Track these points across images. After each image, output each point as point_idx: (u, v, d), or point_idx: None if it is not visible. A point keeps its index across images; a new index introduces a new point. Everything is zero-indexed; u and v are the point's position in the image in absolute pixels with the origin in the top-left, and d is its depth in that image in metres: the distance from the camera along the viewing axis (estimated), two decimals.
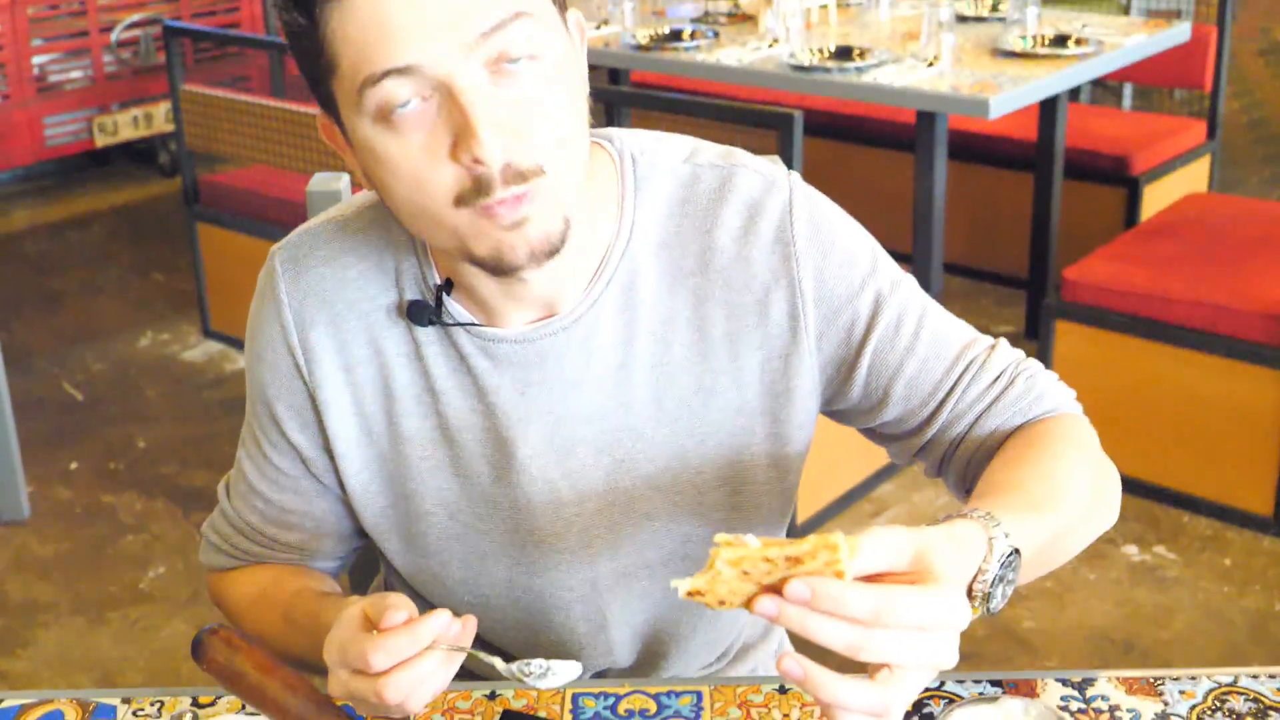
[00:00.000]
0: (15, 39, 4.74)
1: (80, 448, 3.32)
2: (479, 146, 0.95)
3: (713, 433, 1.15)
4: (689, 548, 1.19)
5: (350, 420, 1.17)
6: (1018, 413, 1.14)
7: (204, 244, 3.76)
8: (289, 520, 1.23)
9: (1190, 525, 2.84)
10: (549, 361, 1.12)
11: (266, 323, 1.17)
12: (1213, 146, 3.96)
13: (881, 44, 3.27)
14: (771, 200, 1.13)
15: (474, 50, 0.95)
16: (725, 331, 1.13)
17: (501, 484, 1.16)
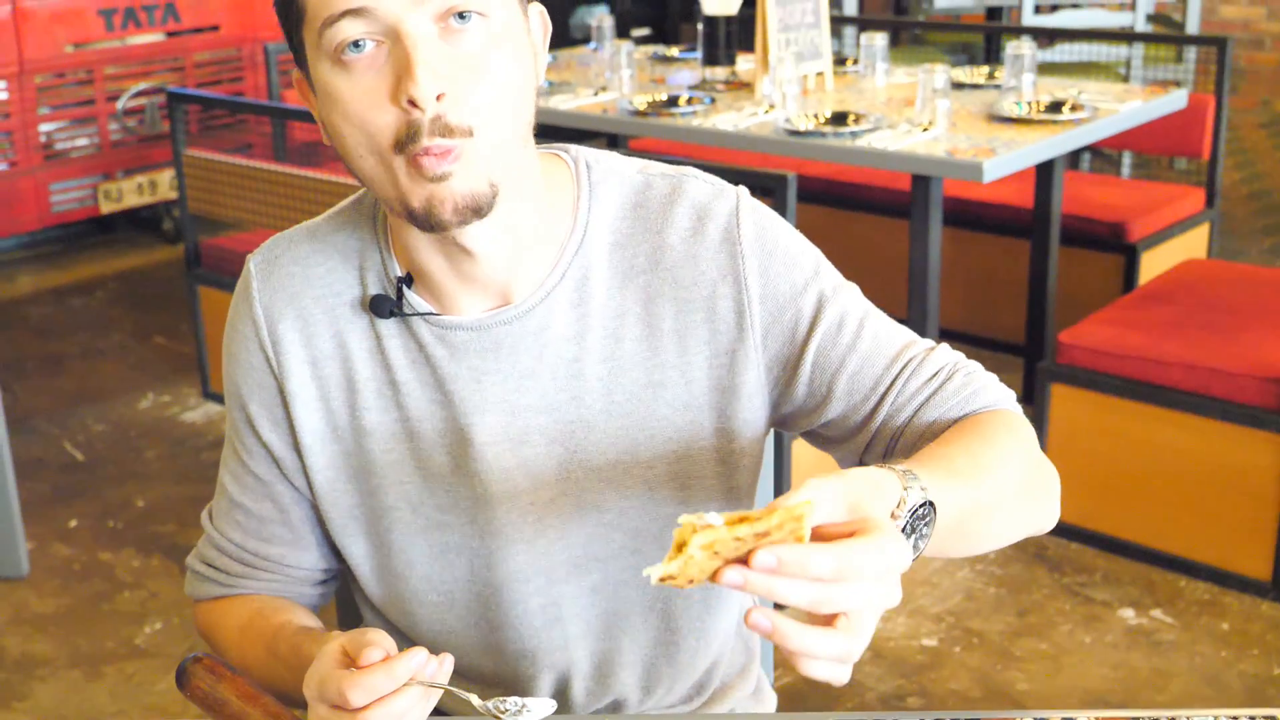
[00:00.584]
0: (23, 107, 4.81)
1: (80, 506, 3.34)
2: (415, 88, 1.01)
3: (662, 427, 1.19)
4: (639, 542, 1.22)
5: (316, 414, 1.21)
6: (956, 405, 1.17)
7: (205, 307, 3.80)
8: (269, 532, 1.27)
9: (1187, 589, 2.85)
10: (503, 350, 1.17)
11: (240, 321, 1.23)
12: (1211, 215, 3.99)
13: (877, 110, 3.30)
14: (720, 204, 1.19)
15: (427, 8, 1.02)
16: (674, 327, 1.18)
17: (460, 474, 1.19)
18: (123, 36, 5.04)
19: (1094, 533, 3.01)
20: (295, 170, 3.40)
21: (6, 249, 5.35)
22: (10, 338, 4.35)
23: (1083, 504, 3.01)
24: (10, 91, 4.78)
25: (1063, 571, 2.93)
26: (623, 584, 1.23)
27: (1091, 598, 2.83)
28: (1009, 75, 3.44)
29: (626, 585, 1.24)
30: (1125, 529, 2.97)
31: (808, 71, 3.54)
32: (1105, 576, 2.90)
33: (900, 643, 2.70)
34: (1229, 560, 2.84)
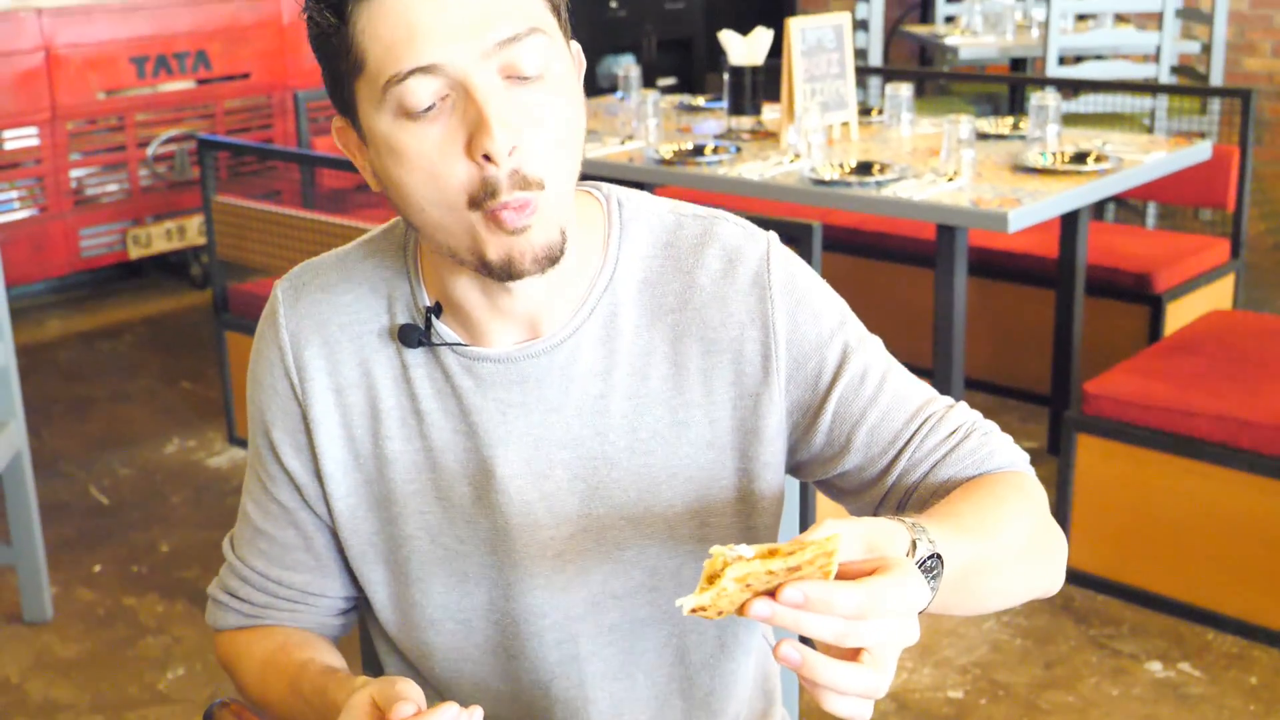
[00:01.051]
0: (54, 153, 4.86)
1: (104, 551, 3.35)
2: (491, 142, 1.02)
3: (684, 466, 1.20)
4: (657, 579, 1.22)
5: (338, 442, 1.22)
6: (971, 464, 1.18)
7: (232, 352, 3.82)
8: (292, 559, 1.27)
9: (1215, 642, 2.82)
10: (530, 384, 1.17)
11: (266, 347, 1.24)
12: (1237, 265, 3.99)
13: (902, 160, 3.31)
14: (751, 248, 1.21)
15: (491, 56, 1.03)
16: (700, 367, 1.19)
17: (481, 505, 1.20)
18: (154, 84, 5.10)
19: (1121, 584, 2.99)
20: (323, 217, 3.42)
21: (36, 293, 5.39)
22: (38, 381, 4.37)
23: (1109, 555, 3.00)
24: (42, 138, 4.83)
25: (1089, 623, 2.91)
26: (640, 622, 1.23)
27: (1119, 650, 2.81)
28: (1033, 126, 3.45)
29: (643, 624, 1.23)
30: (1152, 581, 2.95)
31: (833, 121, 3.56)
32: (1132, 628, 2.88)
33: (926, 694, 2.68)
34: (1257, 613, 2.82)
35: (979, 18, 5.55)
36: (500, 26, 1.03)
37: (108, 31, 4.95)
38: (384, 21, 1.03)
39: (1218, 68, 5.46)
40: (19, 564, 2.99)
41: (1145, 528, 2.94)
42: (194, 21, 5.16)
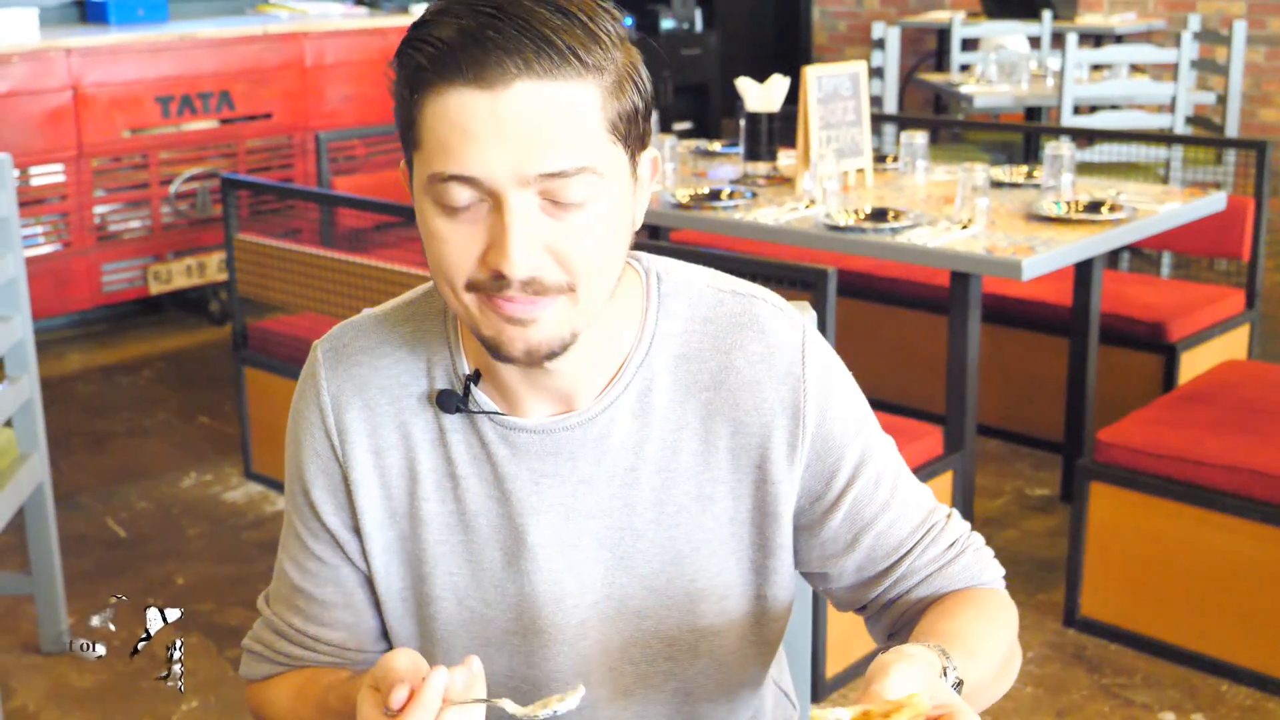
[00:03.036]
0: (79, 190, 4.90)
1: (121, 583, 3.35)
2: (506, 264, 1.04)
3: (707, 539, 1.21)
4: (674, 650, 1.23)
5: (376, 501, 1.22)
6: (963, 579, 1.27)
7: (250, 388, 3.83)
8: (330, 618, 1.27)
9: (1229, 694, 2.81)
10: (563, 455, 1.19)
11: (307, 408, 1.24)
12: (1252, 316, 3.98)
13: (917, 207, 3.32)
14: (790, 336, 1.22)
15: (532, 183, 1.04)
16: (729, 447, 1.21)
17: (511, 570, 1.21)
18: (178, 123, 5.14)
19: (1134, 634, 2.98)
20: (342, 255, 3.44)
21: (57, 327, 5.42)
22: (58, 414, 4.39)
23: (1122, 604, 2.99)
24: (68, 174, 4.87)
25: (1102, 672, 2.90)
26: (654, 689, 1.25)
27: (1131, 700, 2.80)
28: (1048, 175, 3.46)
29: (657, 691, 1.25)
30: (1166, 630, 2.94)
31: (848, 168, 3.57)
32: (1146, 679, 2.87)
33: None
34: (1273, 665, 2.80)
35: (994, 67, 5.58)
36: (549, 160, 1.04)
37: (134, 71, 5.00)
38: (443, 121, 1.05)
39: (1233, 119, 5.48)
40: (38, 594, 3.00)
41: (1159, 577, 2.93)
42: (218, 63, 5.21)
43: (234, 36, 5.27)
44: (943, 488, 3.07)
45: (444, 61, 1.04)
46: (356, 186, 4.52)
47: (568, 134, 1.04)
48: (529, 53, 1.02)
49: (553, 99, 1.03)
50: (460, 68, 1.03)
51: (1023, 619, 3.05)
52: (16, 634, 3.10)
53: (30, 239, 4.83)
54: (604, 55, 1.06)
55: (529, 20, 1.03)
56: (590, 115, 1.06)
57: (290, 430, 1.27)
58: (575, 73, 1.04)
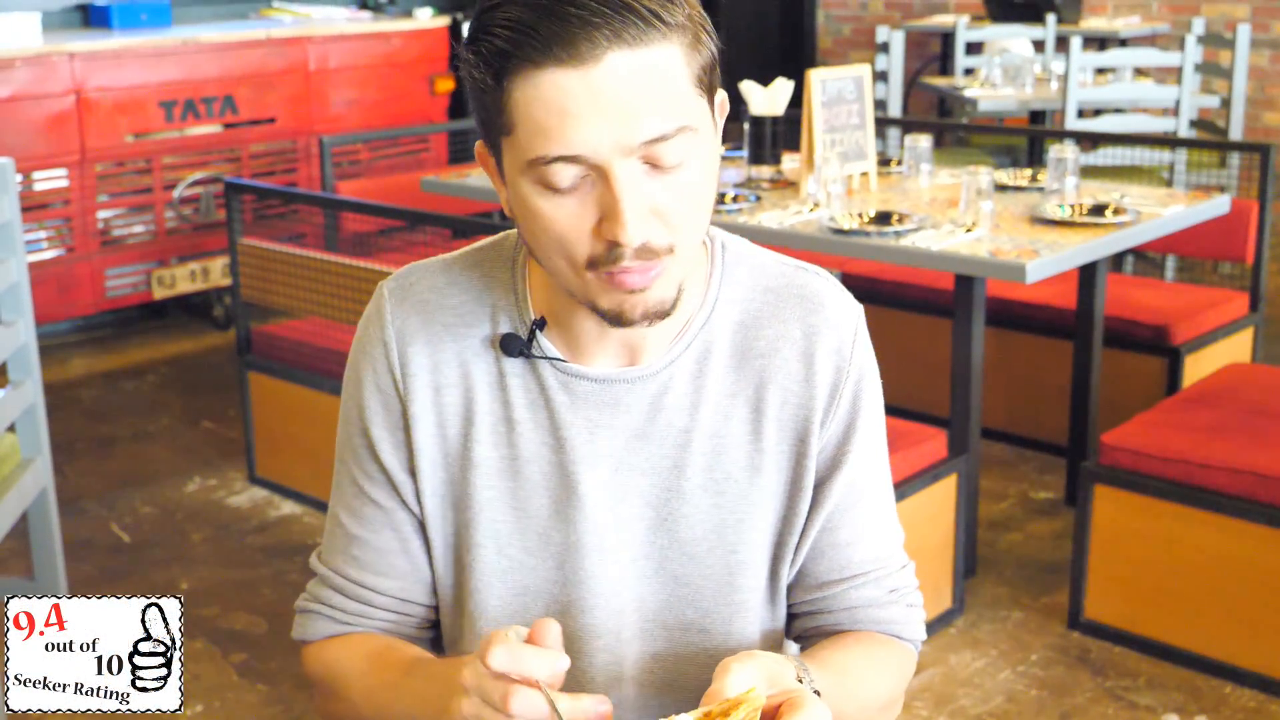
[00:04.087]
0: (83, 195, 4.92)
1: (125, 588, 3.36)
2: (623, 233, 1.05)
3: (750, 512, 1.23)
4: (709, 621, 1.24)
5: (432, 440, 1.23)
6: (881, 626, 1.29)
7: (254, 393, 3.84)
8: (387, 564, 1.27)
9: (1233, 696, 2.81)
10: (620, 407, 1.20)
11: (371, 344, 1.25)
12: (1255, 319, 3.99)
13: (921, 210, 3.33)
14: (847, 316, 1.25)
15: (635, 150, 1.05)
16: (777, 416, 1.22)
17: (558, 518, 1.21)
18: (181, 128, 5.16)
19: (1138, 636, 2.98)
20: (347, 260, 3.45)
21: (61, 332, 5.43)
22: (62, 420, 4.40)
23: (1126, 607, 2.99)
24: (71, 179, 4.89)
25: (1105, 675, 2.90)
26: (684, 659, 1.25)
27: (1135, 702, 2.80)
28: (1052, 178, 3.46)
29: (686, 661, 1.25)
30: (1170, 633, 2.94)
31: (852, 171, 3.58)
32: (1149, 681, 2.88)
33: None
34: (1277, 667, 2.81)
35: (998, 70, 5.59)
36: (650, 125, 1.05)
37: (137, 76, 5.02)
38: (537, 102, 1.04)
39: (1237, 122, 5.48)
40: None
41: (1162, 580, 2.93)
42: (222, 67, 5.23)
43: (237, 41, 5.29)
44: (947, 491, 3.07)
45: (530, 43, 1.03)
46: (361, 191, 4.53)
47: (663, 97, 1.05)
48: (615, 22, 1.02)
49: (644, 65, 1.04)
50: (549, 47, 1.02)
51: (1026, 622, 3.07)
52: None
53: (33, 244, 4.84)
54: (680, 12, 1.07)
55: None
56: (679, 74, 1.06)
57: (350, 369, 1.27)
58: (661, 35, 1.05)
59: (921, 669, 2.91)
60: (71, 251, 4.94)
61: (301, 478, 3.80)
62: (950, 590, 3.12)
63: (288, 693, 2.86)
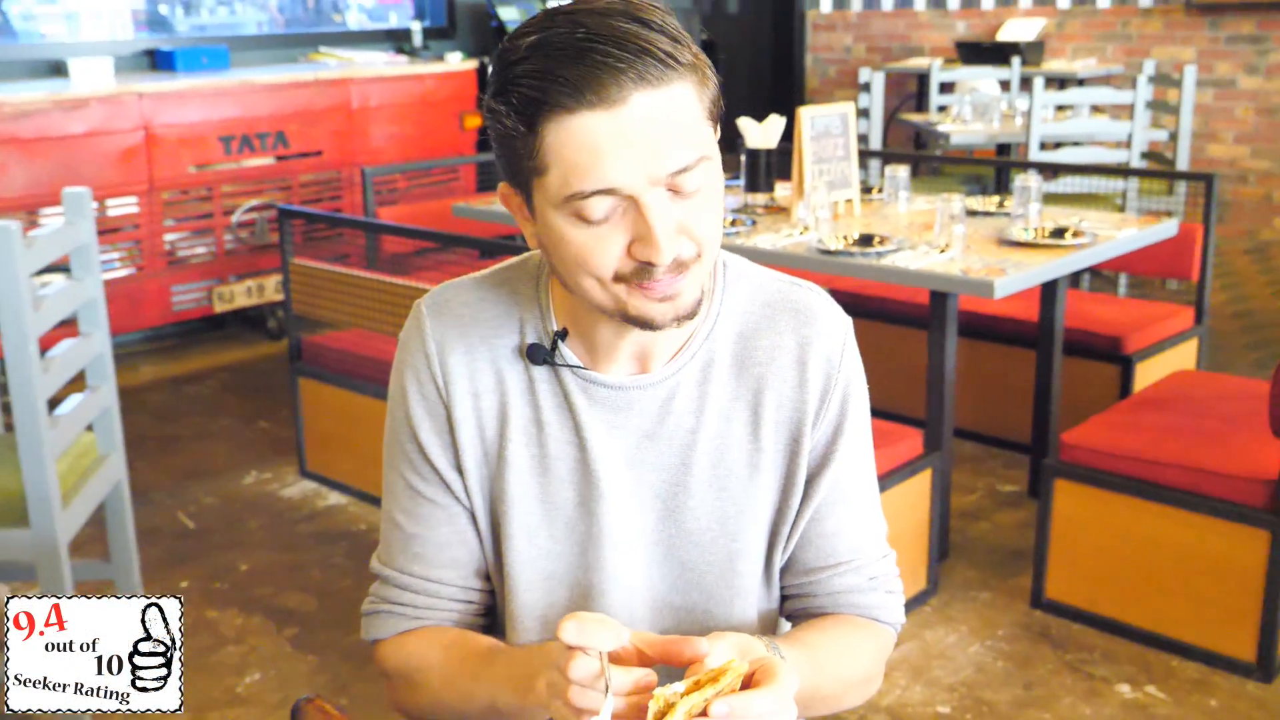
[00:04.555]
0: (151, 220, 4.94)
1: (190, 569, 3.38)
2: (656, 254, 1.06)
3: (750, 505, 1.23)
4: (711, 603, 1.25)
5: (473, 440, 1.23)
6: (861, 610, 1.28)
7: (304, 396, 3.86)
8: (447, 558, 1.26)
9: (1180, 668, 2.82)
10: (633, 410, 1.21)
11: (413, 356, 1.25)
12: (1200, 331, 3.99)
13: (899, 233, 3.34)
14: (837, 328, 1.25)
15: (662, 180, 1.06)
16: (774, 418, 1.23)
17: (581, 510, 1.22)
18: (238, 159, 5.18)
19: (1094, 615, 2.99)
20: (386, 278, 3.46)
21: (132, 342, 5.45)
22: (133, 420, 4.42)
23: (1083, 588, 3.00)
24: (141, 206, 4.91)
25: (1065, 649, 2.91)
26: (689, 632, 1.26)
27: (1092, 674, 2.81)
28: (1017, 204, 3.46)
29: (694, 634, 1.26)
30: (1123, 612, 2.95)
31: (838, 198, 3.59)
32: (1104, 655, 2.88)
33: (917, 709, 2.68)
34: (1218, 643, 2.82)
35: (969, 107, 5.60)
36: (675, 158, 1.05)
37: (199, 114, 5.04)
38: (570, 144, 1.04)
39: (1184, 154, 5.49)
40: (117, 579, 3.02)
41: (1116, 564, 2.94)
42: (274, 106, 5.25)
43: (288, 82, 5.31)
44: (922, 484, 3.08)
45: (561, 90, 1.03)
46: (398, 215, 4.55)
47: (683, 132, 1.06)
48: (638, 66, 1.03)
49: (665, 103, 1.05)
50: (580, 93, 1.02)
51: (993, 602, 3.08)
52: None
53: (108, 264, 4.86)
54: (688, 51, 1.07)
55: (624, 38, 1.03)
56: (694, 109, 1.07)
57: (395, 381, 1.27)
58: (677, 74, 1.06)
59: (900, 643, 2.92)
60: (141, 270, 4.96)
61: (347, 471, 3.81)
62: (925, 573, 3.13)
63: (335, 662, 2.88)
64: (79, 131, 4.72)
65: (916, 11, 7.74)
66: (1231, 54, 6.68)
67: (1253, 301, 5.76)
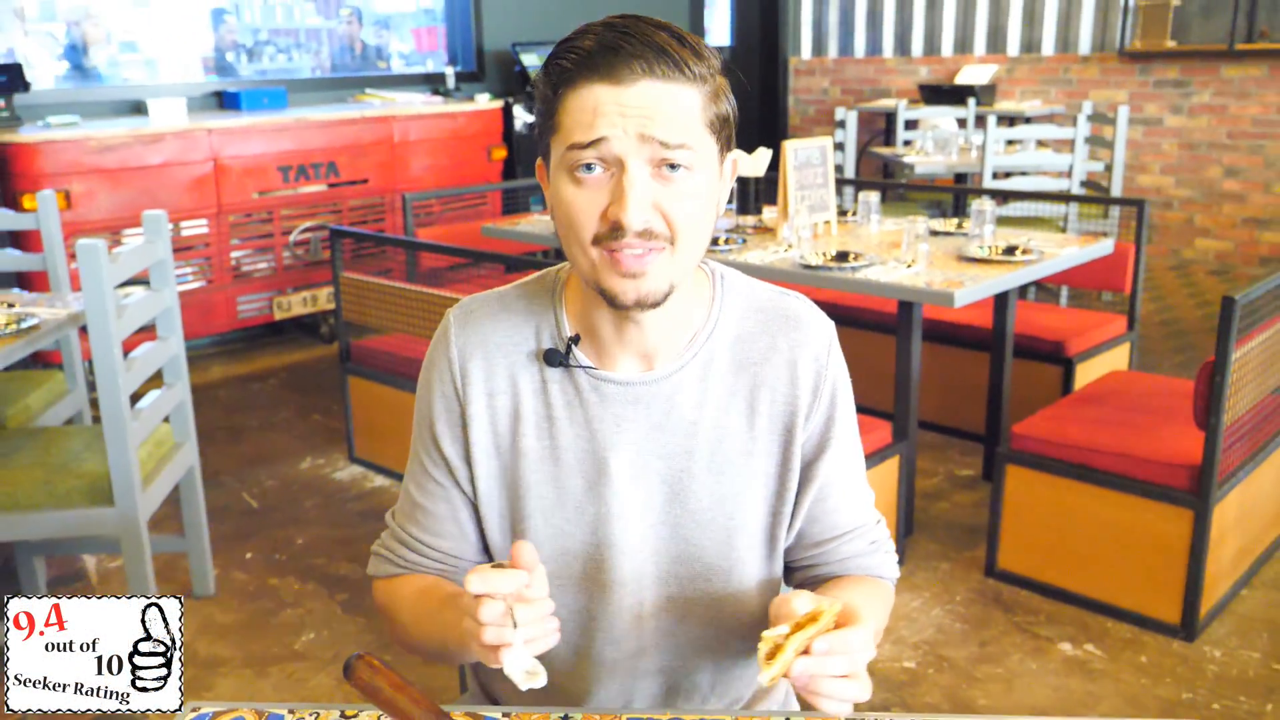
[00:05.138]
0: (219, 239, 4.95)
1: (254, 543, 3.38)
2: (625, 213, 1.07)
3: (746, 486, 1.23)
4: (711, 573, 1.25)
5: (485, 435, 1.23)
6: (870, 571, 1.30)
7: (353, 393, 3.86)
8: (441, 529, 1.28)
9: (1114, 629, 2.82)
10: (641, 404, 1.20)
11: (438, 358, 1.25)
12: (1132, 336, 3.99)
13: (871, 250, 3.34)
14: (822, 332, 1.25)
15: (644, 147, 1.07)
16: (768, 412, 1.22)
17: (591, 494, 1.22)
18: (295, 186, 5.18)
19: (1040, 582, 2.99)
20: (424, 289, 3.46)
21: (203, 345, 5.46)
22: (205, 413, 4.43)
23: (1031, 560, 3.00)
24: (210, 227, 4.92)
25: (1015, 612, 2.91)
26: (693, 601, 1.26)
27: (1037, 634, 2.81)
28: (974, 225, 3.46)
29: (695, 603, 1.26)
30: (1065, 580, 2.95)
31: (818, 220, 3.59)
32: (1049, 617, 2.88)
33: (884, 665, 2.68)
34: (1147, 607, 2.82)
35: (931, 142, 5.60)
36: (659, 130, 1.06)
37: (261, 147, 5.04)
38: (578, 104, 1.07)
39: (1117, 182, 5.49)
40: (190, 551, 3.03)
41: (1060, 538, 2.94)
42: (326, 140, 5.26)
43: (338, 119, 5.31)
44: (891, 469, 3.08)
45: (584, 64, 1.07)
46: (435, 235, 4.55)
47: (674, 118, 1.07)
48: (652, 59, 1.06)
49: (665, 94, 1.07)
50: (597, 68, 1.06)
51: (952, 572, 3.08)
52: (174, 582, 3.13)
53: (182, 277, 4.87)
54: (705, 70, 1.09)
55: (652, 38, 1.07)
56: (692, 110, 1.09)
57: (423, 377, 1.28)
58: (684, 79, 1.07)
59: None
60: (211, 283, 4.96)
61: (390, 457, 3.81)
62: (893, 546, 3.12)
63: (380, 624, 2.87)
64: (156, 162, 4.72)
65: (885, 58, 7.74)
66: (1159, 96, 6.68)
67: (1177, 311, 5.76)
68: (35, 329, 2.62)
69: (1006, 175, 5.48)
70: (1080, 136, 5.15)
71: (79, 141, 4.51)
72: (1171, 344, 5.16)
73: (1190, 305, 5.87)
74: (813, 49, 8.06)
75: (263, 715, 1.17)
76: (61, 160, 4.48)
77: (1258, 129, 6.42)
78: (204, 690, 2.62)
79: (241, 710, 1.18)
